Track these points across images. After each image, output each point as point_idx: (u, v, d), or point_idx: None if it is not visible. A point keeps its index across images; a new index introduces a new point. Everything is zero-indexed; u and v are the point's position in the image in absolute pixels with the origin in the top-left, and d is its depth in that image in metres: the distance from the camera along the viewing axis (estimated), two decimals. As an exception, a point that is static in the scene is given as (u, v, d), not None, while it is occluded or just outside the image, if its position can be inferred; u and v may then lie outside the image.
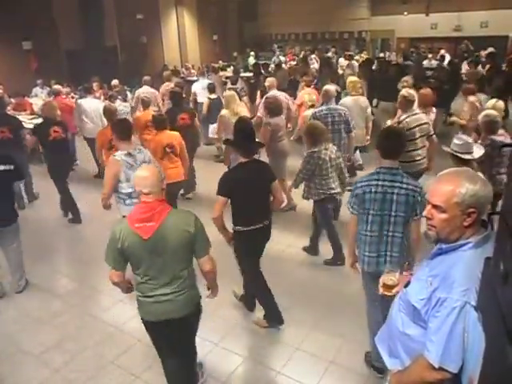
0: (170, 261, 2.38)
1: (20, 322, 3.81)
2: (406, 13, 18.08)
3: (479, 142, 4.10)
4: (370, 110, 5.97)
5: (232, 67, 13.45)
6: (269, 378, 3.07)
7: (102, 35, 14.44)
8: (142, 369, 3.12)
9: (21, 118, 7.27)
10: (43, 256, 4.91)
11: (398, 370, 1.73)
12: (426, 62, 12.38)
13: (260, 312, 3.64)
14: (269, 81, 7.06)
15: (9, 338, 3.61)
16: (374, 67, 11.42)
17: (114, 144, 4.18)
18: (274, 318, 3.52)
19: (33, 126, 5.92)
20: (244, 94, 9.13)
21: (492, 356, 1.19)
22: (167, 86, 8.88)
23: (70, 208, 5.77)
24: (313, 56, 14.87)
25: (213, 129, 7.03)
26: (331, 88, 5.37)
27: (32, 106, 8.74)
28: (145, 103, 6.35)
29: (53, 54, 13.03)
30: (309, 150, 4.22)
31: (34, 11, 12.06)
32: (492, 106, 5.05)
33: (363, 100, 5.89)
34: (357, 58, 13.49)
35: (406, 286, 1.75)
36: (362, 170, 6.41)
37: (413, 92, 4.83)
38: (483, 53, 12.93)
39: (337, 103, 5.68)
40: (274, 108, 5.32)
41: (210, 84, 8.07)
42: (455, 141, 3.36)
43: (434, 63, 12.05)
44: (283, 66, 12.69)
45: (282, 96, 6.42)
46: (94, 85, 8.96)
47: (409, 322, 1.66)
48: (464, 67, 10.77)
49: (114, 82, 9.33)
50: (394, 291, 1.95)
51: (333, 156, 4.22)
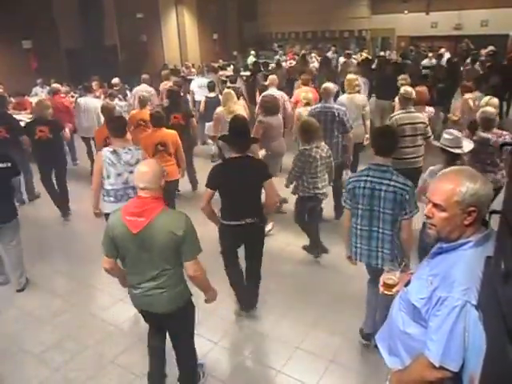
0: (157, 258, 2.41)
1: (20, 321, 3.81)
2: (406, 11, 18.03)
3: (474, 138, 4.14)
4: (368, 108, 5.88)
5: (232, 66, 13.42)
6: (269, 377, 3.07)
7: (102, 34, 14.40)
8: (142, 368, 3.11)
9: (21, 117, 7.28)
10: (44, 255, 4.92)
11: (398, 369, 1.73)
12: (426, 61, 12.33)
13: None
14: (270, 79, 7.02)
15: (9, 337, 3.61)
16: (374, 66, 11.40)
17: (109, 141, 4.18)
18: (244, 307, 3.74)
19: (24, 125, 5.92)
20: (241, 93, 9.09)
21: (493, 355, 1.19)
22: (165, 84, 8.87)
23: (59, 206, 5.82)
24: (313, 55, 14.83)
25: (209, 127, 7.04)
26: (330, 86, 5.31)
27: (32, 106, 8.72)
28: (141, 102, 6.31)
29: (53, 53, 13.00)
30: (302, 147, 4.23)
31: (34, 10, 12.02)
32: (486, 103, 5.11)
33: (359, 98, 5.78)
34: (355, 56, 13.44)
35: (407, 285, 1.75)
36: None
37: (411, 90, 4.85)
38: (483, 51, 12.91)
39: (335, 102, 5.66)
40: (270, 107, 5.24)
41: (210, 82, 8.02)
42: (445, 135, 3.42)
43: (434, 62, 12.01)
44: (283, 64, 12.66)
45: (279, 95, 6.33)
46: (94, 84, 8.92)
47: (409, 320, 1.66)
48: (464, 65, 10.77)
49: (115, 81, 9.29)
50: (394, 290, 1.95)
51: (323, 155, 4.20)
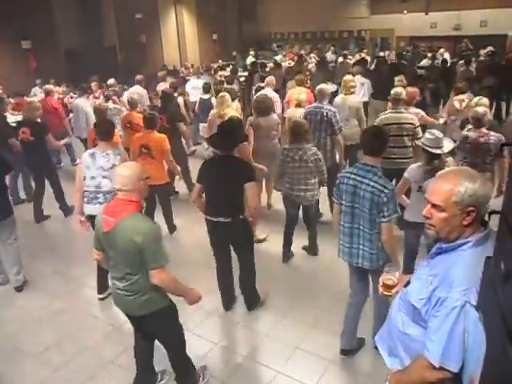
0: (120, 261, 2.47)
1: (20, 321, 3.81)
2: (405, 11, 18.02)
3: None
4: (362, 110, 5.73)
5: (231, 66, 13.40)
6: (269, 377, 3.07)
7: (101, 34, 14.41)
8: (142, 368, 3.12)
9: (20, 118, 7.27)
10: (44, 255, 4.91)
11: (397, 370, 1.73)
12: (424, 61, 12.31)
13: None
14: (267, 80, 7.00)
15: (9, 337, 3.61)
16: (373, 66, 11.38)
17: (97, 143, 4.12)
18: (224, 304, 3.80)
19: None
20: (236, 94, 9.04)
21: (493, 356, 1.19)
22: (160, 86, 8.86)
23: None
24: (312, 55, 14.81)
25: (203, 128, 7.03)
26: (325, 87, 5.28)
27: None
28: (130, 104, 6.18)
29: (52, 54, 12.98)
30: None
31: (34, 10, 12.04)
32: (476, 103, 5.20)
33: (353, 99, 5.69)
34: (350, 57, 13.36)
35: (406, 285, 1.75)
36: None
37: (400, 90, 4.92)
38: (482, 51, 12.92)
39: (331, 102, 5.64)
40: (263, 108, 5.11)
41: (205, 84, 7.93)
42: (427, 135, 3.46)
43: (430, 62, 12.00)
44: (283, 65, 12.64)
45: (271, 97, 6.08)
46: (93, 84, 8.89)
47: (409, 321, 1.66)
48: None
49: (110, 82, 9.22)
50: (393, 291, 1.94)
51: (304, 158, 4.08)
